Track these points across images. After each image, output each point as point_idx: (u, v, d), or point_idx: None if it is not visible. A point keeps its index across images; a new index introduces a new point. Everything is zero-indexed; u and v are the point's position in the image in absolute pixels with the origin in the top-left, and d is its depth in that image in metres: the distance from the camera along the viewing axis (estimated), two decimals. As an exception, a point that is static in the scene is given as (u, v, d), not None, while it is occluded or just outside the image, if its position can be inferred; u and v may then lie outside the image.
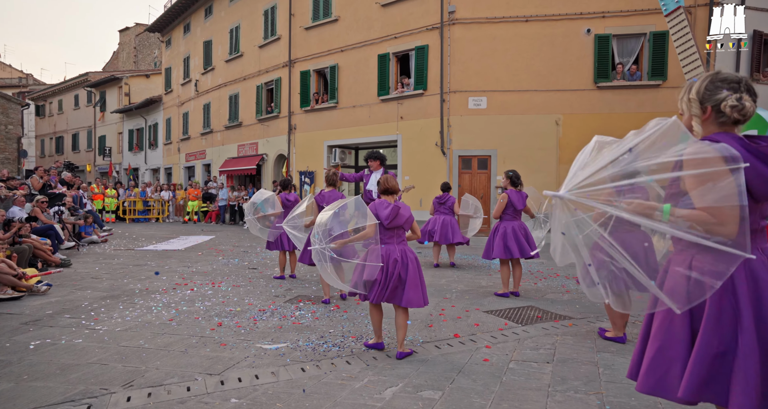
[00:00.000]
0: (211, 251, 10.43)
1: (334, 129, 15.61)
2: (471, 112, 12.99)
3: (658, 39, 12.22)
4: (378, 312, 3.91)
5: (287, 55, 16.95)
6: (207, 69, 21.66)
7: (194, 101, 22.95)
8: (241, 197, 18.42)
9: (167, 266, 8.44)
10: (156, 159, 27.81)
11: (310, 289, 6.55)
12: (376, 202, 3.83)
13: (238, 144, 19.72)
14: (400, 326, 3.73)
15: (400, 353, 3.72)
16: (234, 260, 9.22)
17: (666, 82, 12.23)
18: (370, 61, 14.68)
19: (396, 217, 3.76)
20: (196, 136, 22.93)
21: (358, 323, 4.82)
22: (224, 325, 4.75)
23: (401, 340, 3.73)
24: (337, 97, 15.45)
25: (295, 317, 5.06)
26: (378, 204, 3.82)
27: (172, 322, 4.85)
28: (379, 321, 3.92)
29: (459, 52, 13.03)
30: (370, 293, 3.71)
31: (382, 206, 3.81)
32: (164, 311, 5.27)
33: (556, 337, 4.23)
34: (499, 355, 3.78)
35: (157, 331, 4.52)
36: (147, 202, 20.09)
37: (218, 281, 7.08)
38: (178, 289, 6.49)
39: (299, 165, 16.59)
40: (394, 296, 3.67)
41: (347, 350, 3.99)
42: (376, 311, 3.90)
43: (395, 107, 14.14)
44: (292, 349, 4.02)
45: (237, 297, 5.99)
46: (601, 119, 12.42)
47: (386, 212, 3.75)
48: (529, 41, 12.66)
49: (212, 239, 13.12)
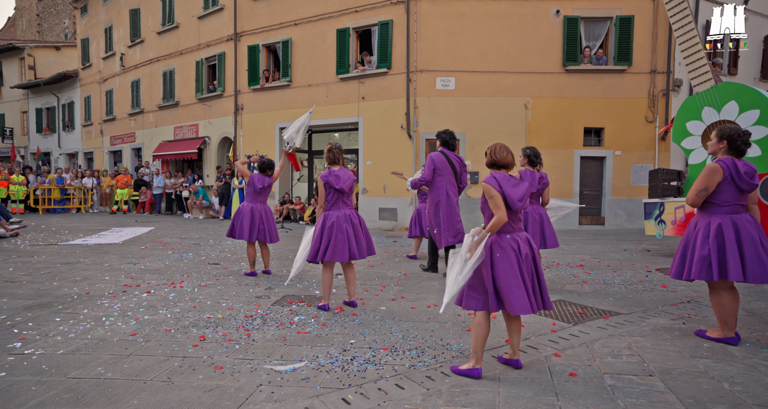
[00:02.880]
0: (155, 245, 9.01)
1: (287, 110, 14.33)
2: (439, 93, 12.30)
3: (624, 23, 12.13)
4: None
5: (232, 28, 15.35)
6: (135, 41, 19.35)
7: (120, 77, 20.51)
8: (179, 184, 16.66)
9: (107, 263, 7.04)
10: (73, 142, 24.76)
11: (294, 286, 5.56)
12: (498, 178, 2.96)
13: (174, 126, 17.79)
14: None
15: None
16: (188, 254, 7.93)
17: (631, 68, 12.20)
18: (327, 37, 13.54)
19: (526, 197, 2.97)
20: (124, 117, 20.54)
21: (377, 328, 3.94)
22: (209, 338, 3.69)
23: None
24: (290, 75, 14.17)
25: (296, 324, 4.09)
26: (503, 180, 2.95)
27: (137, 337, 3.72)
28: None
29: (426, 28, 12.25)
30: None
31: (509, 182, 2.95)
32: (121, 323, 4.10)
33: (624, 338, 3.60)
34: (580, 366, 3.07)
35: (119, 352, 3.39)
36: (66, 190, 17.67)
37: (178, 280, 5.88)
38: (129, 291, 5.25)
39: (247, 149, 15.15)
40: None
41: (387, 368, 3.11)
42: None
43: (356, 87, 13.15)
44: (315, 370, 3.08)
45: (210, 300, 4.89)
46: (569, 103, 12.20)
47: (519, 190, 2.93)
48: (499, 20, 12.13)
49: (152, 230, 11.54)
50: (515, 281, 2.85)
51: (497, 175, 2.98)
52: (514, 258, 2.89)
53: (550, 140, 12.22)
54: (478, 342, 2.92)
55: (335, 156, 4.55)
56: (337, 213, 4.49)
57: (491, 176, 3.00)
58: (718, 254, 3.28)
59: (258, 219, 6.05)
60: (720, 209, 3.38)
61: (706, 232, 3.36)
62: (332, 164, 4.57)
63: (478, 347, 2.92)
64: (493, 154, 3.06)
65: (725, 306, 3.38)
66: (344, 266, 4.64)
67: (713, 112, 7.21)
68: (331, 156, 4.55)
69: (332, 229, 4.43)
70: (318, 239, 4.47)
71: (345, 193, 4.52)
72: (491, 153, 3.07)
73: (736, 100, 6.98)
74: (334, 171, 4.49)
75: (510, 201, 2.92)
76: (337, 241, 4.40)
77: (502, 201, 2.90)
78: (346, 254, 4.43)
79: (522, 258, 2.91)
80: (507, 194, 2.92)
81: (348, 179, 4.47)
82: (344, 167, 4.61)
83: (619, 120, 12.23)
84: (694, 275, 3.36)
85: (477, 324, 2.94)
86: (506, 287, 2.85)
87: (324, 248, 4.42)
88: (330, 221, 4.46)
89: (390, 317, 4.26)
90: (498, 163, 3.04)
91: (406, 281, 5.89)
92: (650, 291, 5.18)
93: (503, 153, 3.04)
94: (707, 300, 4.76)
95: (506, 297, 2.85)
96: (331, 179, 4.44)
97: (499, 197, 2.90)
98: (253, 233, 6.01)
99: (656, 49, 12.24)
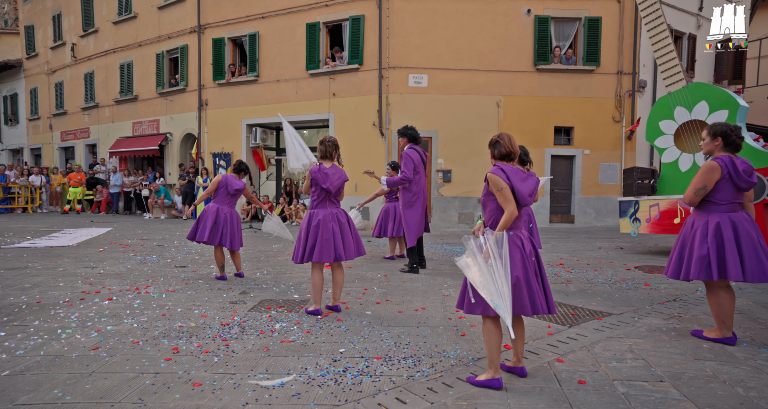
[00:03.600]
0: (115, 247, 8.44)
1: (254, 106, 13.85)
2: (411, 90, 12.13)
3: (593, 24, 12.32)
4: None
5: (195, 20, 14.70)
6: (88, 31, 18.28)
7: (71, 69, 19.36)
8: (138, 183, 15.86)
9: (60, 267, 6.50)
10: (16, 137, 23.22)
11: (270, 290, 5.24)
12: (507, 170, 2.77)
13: (133, 121, 16.92)
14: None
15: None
16: (151, 256, 7.44)
17: (599, 68, 12.40)
18: (297, 31, 13.14)
19: (535, 192, 2.82)
20: (76, 111, 19.41)
21: (366, 335, 3.70)
22: (183, 351, 3.35)
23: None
24: (257, 69, 13.68)
25: (277, 332, 3.80)
26: (512, 172, 2.77)
27: (100, 351, 3.34)
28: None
29: (398, 24, 12.06)
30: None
31: (517, 175, 2.77)
32: (80, 335, 3.69)
33: (623, 341, 3.49)
34: (587, 372, 2.93)
35: (79, 370, 3.02)
36: (9, 188, 16.51)
37: (142, 285, 5.45)
38: (87, 299, 4.81)
39: (212, 146, 14.56)
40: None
41: (384, 379, 2.88)
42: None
43: (327, 83, 12.82)
44: (305, 384, 2.81)
45: (180, 307, 4.52)
46: (539, 102, 12.28)
47: (529, 185, 2.77)
48: (471, 18, 12.08)
49: (110, 231, 10.87)
50: (517, 282, 2.67)
51: (505, 167, 2.79)
52: (519, 256, 2.71)
53: (522, 139, 12.23)
54: (493, 351, 2.73)
55: (327, 150, 4.25)
56: (323, 212, 4.22)
57: (498, 167, 2.80)
58: (717, 254, 3.21)
59: (222, 222, 5.67)
60: (718, 207, 3.32)
61: (704, 231, 3.29)
62: (324, 159, 4.29)
63: (493, 355, 2.73)
64: (509, 145, 2.85)
65: (724, 306, 3.33)
66: (333, 268, 4.38)
67: (685, 111, 7.32)
68: (323, 149, 4.26)
69: (318, 228, 4.16)
70: (304, 239, 4.19)
71: (332, 193, 4.26)
72: (509, 143, 2.85)
73: (706, 100, 7.11)
74: (324, 168, 4.20)
75: (519, 196, 2.74)
76: (323, 240, 4.13)
77: (511, 194, 2.72)
78: (331, 255, 4.16)
79: (527, 256, 2.74)
80: (516, 188, 2.74)
81: (337, 179, 4.20)
82: (337, 165, 4.32)
83: (588, 119, 12.41)
84: (693, 275, 3.29)
85: (488, 332, 2.74)
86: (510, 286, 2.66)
87: (310, 248, 4.14)
88: (316, 219, 4.19)
89: (378, 323, 4.03)
90: (511, 155, 2.85)
91: (387, 282, 5.66)
92: (635, 290, 5.16)
93: (516, 145, 2.84)
94: (692, 298, 4.77)
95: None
96: (319, 177, 4.15)
97: (508, 190, 2.72)
98: (214, 236, 5.61)
99: (622, 50, 12.49)
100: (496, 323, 2.75)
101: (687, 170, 7.30)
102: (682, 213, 6.99)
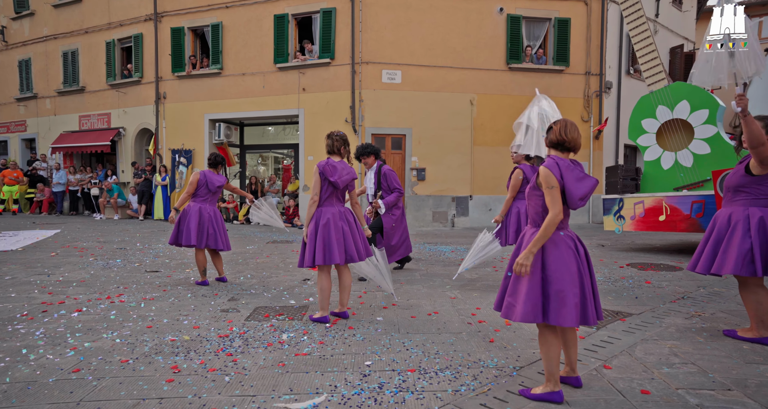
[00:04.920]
0: (69, 251, 7.64)
1: (217, 100, 13.11)
2: (385, 86, 11.84)
3: (562, 25, 12.47)
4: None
5: (151, 7, 13.76)
6: (21, 13, 16.71)
7: (2, 55, 17.68)
8: (87, 181, 14.70)
9: (8, 275, 5.75)
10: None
11: (261, 296, 4.79)
12: (563, 166, 2.44)
13: (80, 115, 15.66)
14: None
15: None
16: (115, 260, 6.76)
17: (568, 69, 12.57)
18: (264, 22, 12.54)
19: (588, 196, 2.50)
20: (9, 102, 17.75)
21: (387, 344, 3.36)
22: (185, 370, 2.90)
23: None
24: (221, 62, 12.96)
25: (287, 343, 3.39)
26: (568, 169, 2.44)
27: (83, 374, 2.83)
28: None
29: (371, 18, 11.73)
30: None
31: (573, 173, 2.44)
32: (52, 354, 3.15)
33: (660, 343, 3.34)
34: (644, 380, 2.73)
35: (62, 399, 2.52)
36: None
37: (113, 292, 4.86)
38: (51, 310, 4.20)
39: (172, 142, 13.67)
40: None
41: (428, 395, 2.56)
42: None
43: (296, 77, 12.30)
44: (341, 405, 2.46)
45: (165, 317, 4.01)
46: (511, 101, 12.29)
47: (585, 187, 2.45)
48: (445, 14, 11.93)
49: (58, 233, 9.92)
50: (571, 287, 2.40)
51: (560, 162, 2.47)
52: (572, 258, 2.45)
53: (495, 137, 12.25)
54: (553, 363, 2.46)
55: (334, 144, 3.89)
56: (331, 210, 3.85)
57: (553, 161, 2.47)
58: (761, 249, 3.11)
59: (207, 221, 5.18)
60: (757, 201, 3.22)
61: (746, 225, 3.18)
62: (331, 154, 3.92)
63: (553, 368, 2.46)
64: (563, 132, 2.50)
65: (763, 304, 3.23)
66: (339, 270, 4.00)
67: (667, 110, 7.43)
68: (330, 143, 3.90)
69: (327, 227, 3.79)
70: (312, 239, 3.80)
71: (339, 189, 3.89)
72: (560, 130, 2.51)
73: (687, 99, 7.24)
74: (332, 161, 3.84)
75: (569, 197, 2.43)
76: (333, 241, 3.76)
77: (560, 195, 2.44)
78: (342, 256, 3.80)
79: (581, 259, 2.49)
80: (568, 189, 2.42)
81: (346, 174, 3.84)
82: (345, 162, 3.96)
83: (558, 119, 12.53)
84: (732, 270, 3.16)
85: (546, 343, 2.47)
86: (559, 292, 2.40)
87: (321, 250, 3.75)
88: (324, 218, 3.81)
89: (394, 330, 3.70)
90: (565, 144, 2.53)
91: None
92: (639, 288, 5.09)
93: (575, 132, 2.52)
94: (700, 296, 4.73)
95: (558, 305, 2.41)
96: (327, 169, 3.78)
97: (558, 190, 2.43)
98: (202, 237, 5.13)
99: (590, 51, 12.72)
100: (554, 333, 2.49)
101: (669, 168, 7.41)
102: (667, 210, 7.07)
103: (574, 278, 2.39)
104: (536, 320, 2.43)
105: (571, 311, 2.37)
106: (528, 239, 2.50)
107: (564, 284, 2.39)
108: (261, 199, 5.62)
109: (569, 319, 2.37)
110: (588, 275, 2.47)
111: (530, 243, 2.39)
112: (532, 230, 2.55)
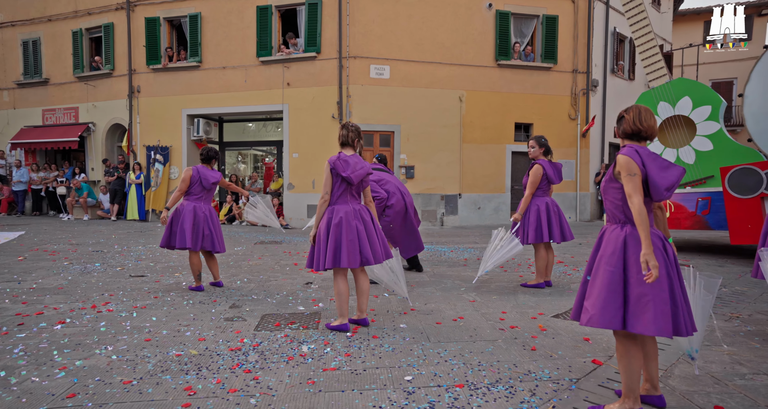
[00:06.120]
0: (39, 254, 7.01)
1: (196, 94, 12.49)
2: (373, 81, 11.50)
3: (550, 23, 12.39)
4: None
5: (123, -5, 13.03)
6: (-24, -1, 15.66)
7: (-40, 46, 16.51)
8: (52, 179, 13.82)
9: (-26, 281, 5.16)
10: None
11: (265, 302, 4.39)
12: (643, 153, 2.22)
13: (43, 108, 14.70)
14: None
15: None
16: (93, 264, 6.20)
17: (556, 66, 12.50)
18: (246, 14, 12.01)
19: (674, 187, 2.30)
20: (-33, 96, 16.61)
21: (421, 355, 3.04)
22: (200, 391, 2.51)
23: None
24: (200, 54, 12.35)
25: (309, 356, 3.03)
26: (649, 157, 2.23)
27: (81, 399, 2.41)
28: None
29: (359, 12, 11.37)
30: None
31: (656, 162, 2.24)
32: (38, 376, 2.70)
33: (714, 349, 3.13)
34: (724, 394, 2.49)
35: (64, 433, 2.10)
36: None
37: (98, 301, 4.37)
38: (28, 322, 3.71)
39: (147, 138, 12.96)
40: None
41: (491, 416, 2.25)
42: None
43: (280, 72, 11.82)
44: (395, 431, 2.12)
45: (164, 328, 3.58)
46: (500, 98, 12.15)
47: (671, 176, 2.23)
48: (434, 9, 11.67)
49: (22, 236, 9.19)
50: (658, 291, 2.14)
51: (641, 150, 2.23)
52: (660, 259, 2.18)
53: (483, 135, 12.08)
54: (633, 378, 2.19)
55: (349, 136, 3.52)
56: (344, 208, 3.48)
57: (633, 149, 2.23)
58: None
59: (203, 222, 4.75)
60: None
61: None
62: (344, 147, 3.56)
63: (633, 383, 2.19)
64: (638, 121, 2.28)
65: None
66: (356, 274, 3.65)
67: (668, 106, 7.35)
68: (344, 134, 3.53)
69: (340, 227, 3.43)
70: (324, 241, 3.43)
71: (353, 185, 3.53)
72: (634, 118, 2.28)
73: (689, 96, 7.17)
74: (344, 155, 3.47)
75: (653, 187, 2.19)
76: (347, 242, 3.40)
77: (641, 183, 2.19)
78: (357, 258, 3.44)
79: (671, 262, 2.23)
80: (652, 179, 2.18)
81: (360, 169, 3.47)
82: (358, 155, 3.60)
83: (546, 116, 12.48)
84: None
85: (627, 355, 2.19)
86: (642, 296, 2.14)
87: (333, 252, 3.39)
88: (337, 216, 3.45)
89: (423, 338, 3.38)
90: (642, 133, 2.29)
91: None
92: (659, 287, 4.92)
93: (651, 119, 2.29)
94: (724, 295, 4.59)
95: (639, 310, 2.14)
96: (339, 165, 3.42)
97: (639, 178, 2.18)
98: (197, 239, 4.69)
99: (577, 49, 12.69)
100: (636, 344, 2.21)
101: (670, 165, 7.33)
102: (671, 207, 6.98)
103: (662, 281, 2.13)
104: (614, 327, 2.16)
105: (658, 319, 2.10)
106: (609, 238, 2.24)
107: (648, 287, 2.12)
108: (257, 198, 5.26)
109: (652, 327, 2.10)
110: (677, 279, 2.21)
111: (642, 242, 2.11)
112: (613, 226, 2.28)
